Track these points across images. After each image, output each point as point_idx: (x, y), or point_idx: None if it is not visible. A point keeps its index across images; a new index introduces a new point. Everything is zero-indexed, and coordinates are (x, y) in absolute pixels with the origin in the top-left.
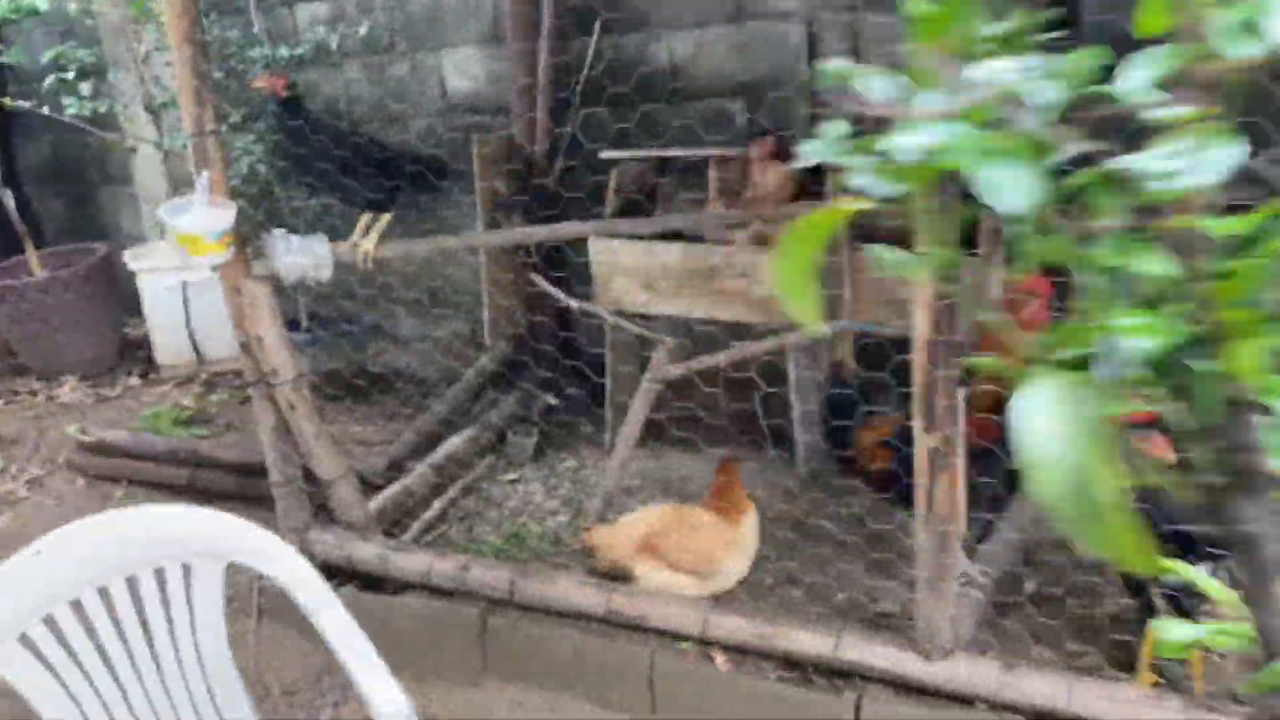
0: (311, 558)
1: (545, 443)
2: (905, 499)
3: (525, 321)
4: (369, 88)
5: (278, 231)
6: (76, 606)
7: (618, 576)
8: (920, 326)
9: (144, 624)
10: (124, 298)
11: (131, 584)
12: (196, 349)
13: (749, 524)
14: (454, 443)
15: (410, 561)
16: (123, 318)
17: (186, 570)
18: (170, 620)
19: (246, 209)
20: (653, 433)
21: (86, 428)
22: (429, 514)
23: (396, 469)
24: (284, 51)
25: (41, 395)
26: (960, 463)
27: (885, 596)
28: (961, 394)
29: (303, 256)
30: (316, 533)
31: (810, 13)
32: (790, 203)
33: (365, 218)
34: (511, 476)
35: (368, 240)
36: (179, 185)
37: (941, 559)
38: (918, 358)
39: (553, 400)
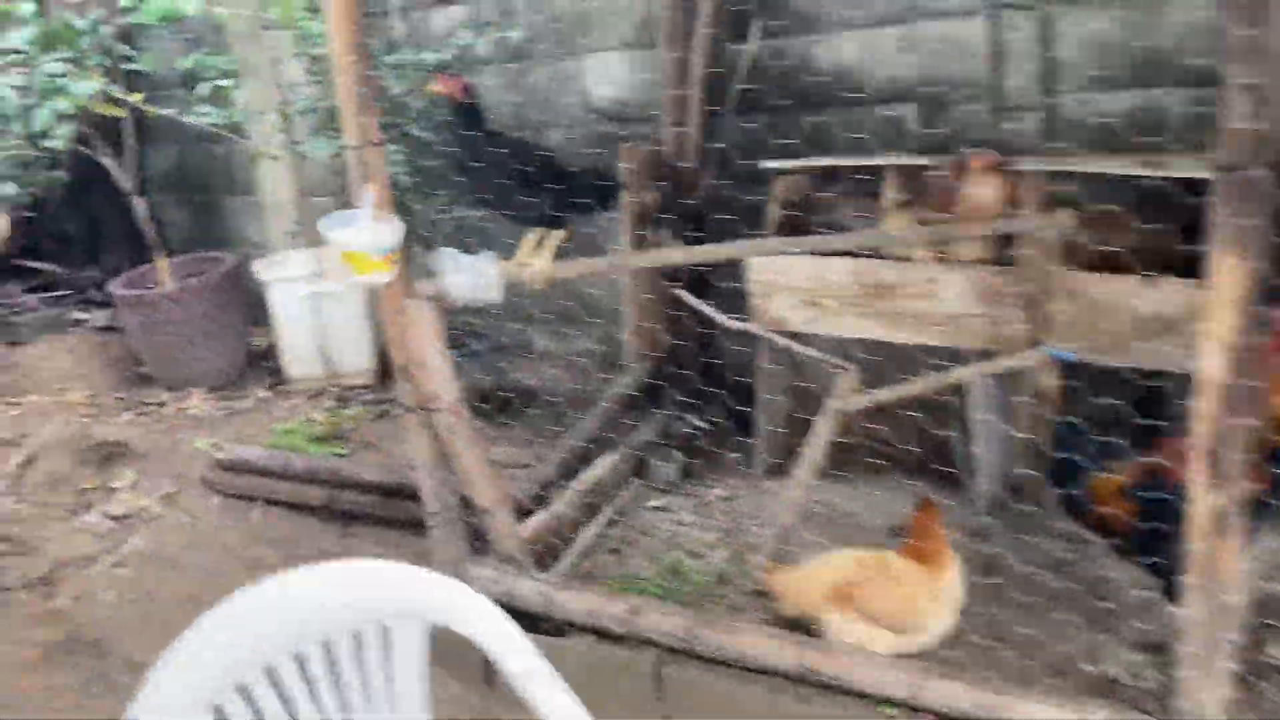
0: None
1: (689, 469)
2: (1164, 558)
3: (668, 341)
4: (510, 94)
5: (445, 249)
6: (270, 672)
7: (801, 626)
8: (1212, 368)
9: (340, 693)
10: (249, 308)
11: (328, 649)
12: (327, 361)
13: (954, 573)
14: (601, 466)
15: (576, 601)
16: (248, 329)
17: (385, 633)
18: (367, 689)
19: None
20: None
21: (219, 443)
22: (580, 544)
23: (546, 492)
24: (427, 57)
25: (170, 407)
26: (1245, 524)
27: (1109, 658)
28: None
29: (473, 276)
30: (475, 567)
31: (994, 10)
32: (1003, 218)
33: (533, 235)
34: (657, 504)
35: (541, 258)
36: (310, 195)
37: (1217, 633)
38: (1206, 404)
39: (700, 423)
